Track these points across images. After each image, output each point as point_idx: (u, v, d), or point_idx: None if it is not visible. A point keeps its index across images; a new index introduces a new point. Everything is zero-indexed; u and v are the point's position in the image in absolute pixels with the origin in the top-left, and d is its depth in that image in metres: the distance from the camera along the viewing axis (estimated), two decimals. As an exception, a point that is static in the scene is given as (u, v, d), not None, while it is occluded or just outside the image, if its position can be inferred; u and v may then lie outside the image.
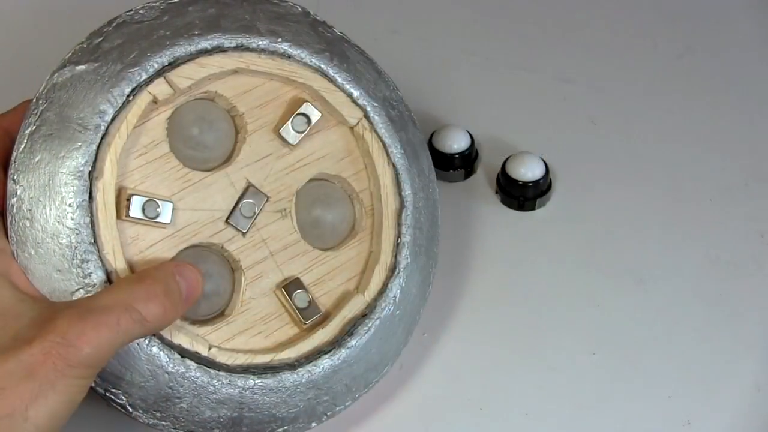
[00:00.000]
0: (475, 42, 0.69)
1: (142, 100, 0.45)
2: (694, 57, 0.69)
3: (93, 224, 0.43)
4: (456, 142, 0.61)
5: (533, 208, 0.60)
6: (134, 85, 0.45)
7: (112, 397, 0.44)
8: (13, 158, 0.43)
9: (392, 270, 0.50)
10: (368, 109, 0.50)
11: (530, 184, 0.59)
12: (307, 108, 0.49)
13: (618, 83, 0.67)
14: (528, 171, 0.59)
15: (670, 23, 0.71)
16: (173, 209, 0.46)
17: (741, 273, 0.57)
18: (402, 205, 0.50)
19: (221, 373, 0.45)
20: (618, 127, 0.65)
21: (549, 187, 0.60)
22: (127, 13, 0.46)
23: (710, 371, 0.53)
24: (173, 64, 0.46)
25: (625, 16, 0.71)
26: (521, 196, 0.59)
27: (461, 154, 0.60)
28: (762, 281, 0.57)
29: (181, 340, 0.45)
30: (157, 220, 0.45)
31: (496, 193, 0.61)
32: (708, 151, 0.63)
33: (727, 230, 0.59)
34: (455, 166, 0.61)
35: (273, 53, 0.48)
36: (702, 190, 0.61)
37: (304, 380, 0.47)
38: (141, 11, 0.46)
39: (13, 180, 0.43)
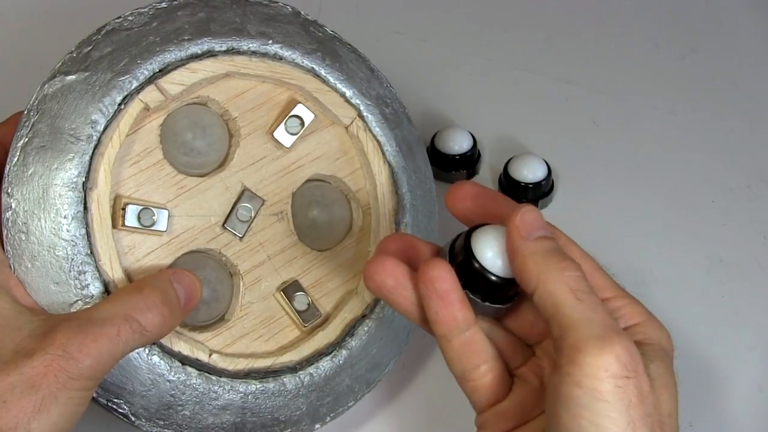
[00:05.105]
0: (477, 43, 0.69)
1: (134, 108, 0.44)
2: (697, 59, 0.68)
3: (89, 235, 0.43)
4: (458, 144, 0.60)
5: (535, 210, 0.60)
6: (125, 93, 0.44)
7: (115, 407, 0.44)
8: (6, 171, 0.43)
9: (391, 269, 0.50)
10: (362, 108, 0.50)
11: (532, 185, 0.58)
12: (301, 109, 0.48)
13: (620, 85, 0.66)
14: (530, 172, 0.58)
15: (672, 25, 0.70)
16: (169, 216, 0.46)
17: (743, 275, 0.57)
18: (399, 204, 0.50)
19: (222, 379, 0.45)
20: (620, 129, 0.64)
21: (551, 188, 0.60)
22: (116, 20, 0.46)
23: (712, 373, 0.53)
24: (164, 71, 0.45)
25: (627, 17, 0.71)
26: (523, 197, 0.59)
27: (463, 155, 0.60)
28: (764, 283, 0.56)
29: (182, 347, 0.45)
30: (153, 228, 0.45)
31: (499, 194, 0.61)
32: (710, 153, 0.63)
33: (730, 232, 0.59)
34: (457, 167, 0.60)
35: (264, 55, 0.48)
36: (704, 192, 0.61)
37: (305, 383, 0.47)
38: (130, 18, 0.46)
39: (7, 193, 0.43)
